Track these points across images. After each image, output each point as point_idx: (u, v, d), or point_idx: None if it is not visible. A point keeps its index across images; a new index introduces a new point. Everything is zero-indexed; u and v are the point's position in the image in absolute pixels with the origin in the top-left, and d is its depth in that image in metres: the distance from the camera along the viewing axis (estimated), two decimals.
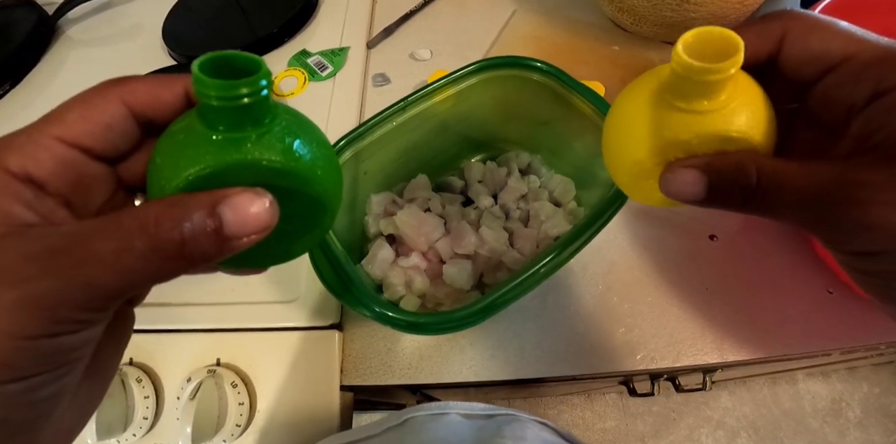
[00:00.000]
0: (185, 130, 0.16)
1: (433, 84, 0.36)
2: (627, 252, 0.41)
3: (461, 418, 0.31)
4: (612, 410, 1.07)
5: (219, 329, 0.39)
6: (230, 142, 0.16)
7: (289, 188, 0.17)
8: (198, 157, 0.15)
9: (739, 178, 0.17)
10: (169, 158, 0.16)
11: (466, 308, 0.27)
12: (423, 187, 0.39)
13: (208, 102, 0.15)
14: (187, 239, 0.14)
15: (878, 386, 1.07)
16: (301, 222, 0.19)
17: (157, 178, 0.16)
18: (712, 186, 0.18)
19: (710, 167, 0.18)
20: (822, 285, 0.39)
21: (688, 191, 0.18)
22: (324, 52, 0.56)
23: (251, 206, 0.15)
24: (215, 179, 0.16)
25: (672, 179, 0.18)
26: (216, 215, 0.15)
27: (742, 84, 0.18)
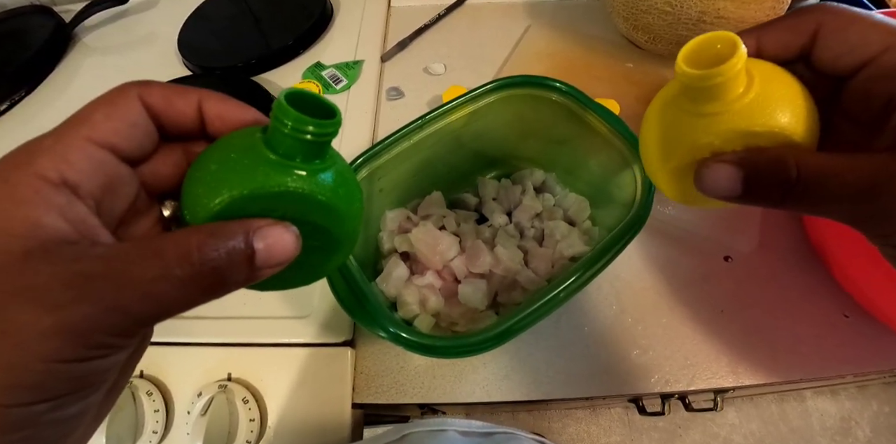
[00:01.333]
0: (242, 148, 0.17)
1: (451, 102, 0.36)
2: (642, 273, 0.41)
3: (459, 435, 0.31)
4: (618, 425, 1.06)
5: (230, 343, 0.39)
6: (290, 169, 0.16)
7: (320, 224, 0.18)
8: (255, 176, 0.16)
9: (778, 172, 0.17)
10: (219, 172, 0.16)
11: (483, 333, 0.27)
12: (438, 204, 0.39)
13: (287, 130, 0.16)
14: (224, 268, 0.15)
15: (887, 405, 1.05)
16: (321, 255, 0.19)
17: (202, 190, 0.16)
18: (749, 181, 0.17)
19: (745, 162, 0.18)
20: (838, 308, 0.39)
21: (722, 186, 0.18)
22: (338, 64, 0.57)
23: (281, 239, 0.16)
24: (258, 202, 0.16)
25: (706, 174, 0.18)
26: (250, 246, 0.15)
27: (762, 79, 0.18)
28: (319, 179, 0.17)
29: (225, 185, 0.16)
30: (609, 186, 0.38)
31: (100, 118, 0.16)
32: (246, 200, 0.16)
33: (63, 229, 0.14)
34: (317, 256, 0.19)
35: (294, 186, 0.16)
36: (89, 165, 0.15)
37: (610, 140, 0.36)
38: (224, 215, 0.16)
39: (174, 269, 0.14)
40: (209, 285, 0.15)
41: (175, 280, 0.14)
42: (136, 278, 0.14)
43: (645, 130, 0.22)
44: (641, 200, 0.32)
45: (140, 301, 0.14)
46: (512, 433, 0.32)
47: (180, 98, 0.18)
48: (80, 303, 0.13)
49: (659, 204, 0.42)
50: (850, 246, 0.37)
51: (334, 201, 0.17)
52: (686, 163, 0.19)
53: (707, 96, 0.18)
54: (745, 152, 0.18)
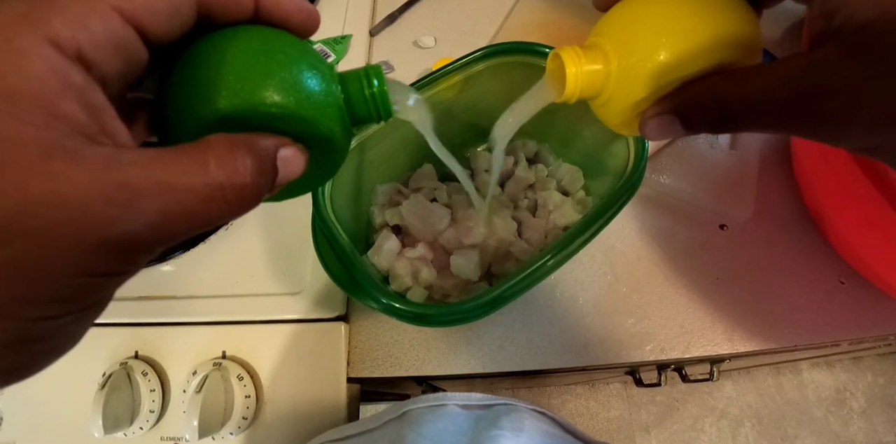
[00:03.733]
0: (306, 62, 0.16)
1: (439, 71, 0.35)
2: (636, 242, 0.40)
3: (459, 409, 0.31)
4: (616, 399, 1.07)
5: (224, 322, 0.39)
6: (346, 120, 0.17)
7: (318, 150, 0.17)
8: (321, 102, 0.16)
9: (703, 112, 0.18)
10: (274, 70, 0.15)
11: (474, 300, 0.27)
12: (429, 177, 0.39)
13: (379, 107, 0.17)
14: (260, 187, 0.14)
15: (882, 376, 1.07)
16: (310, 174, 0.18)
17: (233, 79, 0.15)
18: (685, 121, 0.19)
19: (674, 109, 0.19)
20: (833, 275, 0.39)
21: (667, 132, 0.20)
22: (326, 40, 0.55)
23: (297, 161, 0.16)
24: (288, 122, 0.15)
25: (649, 129, 0.20)
26: (276, 167, 0.15)
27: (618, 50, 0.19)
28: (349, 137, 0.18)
29: (282, 87, 0.15)
30: (602, 156, 0.37)
31: None
32: (295, 119, 0.15)
33: (82, 122, 0.12)
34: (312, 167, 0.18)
35: (342, 141, 0.17)
36: (110, 42, 0.13)
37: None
38: (236, 117, 0.14)
39: (223, 188, 0.13)
40: (245, 204, 0.14)
41: (221, 199, 0.13)
42: (184, 195, 0.12)
43: None
44: (633, 167, 0.32)
45: (185, 219, 0.13)
46: (512, 404, 0.32)
47: None
48: (125, 220, 0.12)
49: (653, 173, 0.42)
50: (846, 213, 0.36)
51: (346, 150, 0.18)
52: (624, 129, 0.22)
53: (588, 100, 0.22)
54: (669, 99, 0.19)
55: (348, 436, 0.31)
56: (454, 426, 0.29)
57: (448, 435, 0.28)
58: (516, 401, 0.33)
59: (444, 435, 0.28)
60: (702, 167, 0.42)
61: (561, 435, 0.31)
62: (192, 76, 0.15)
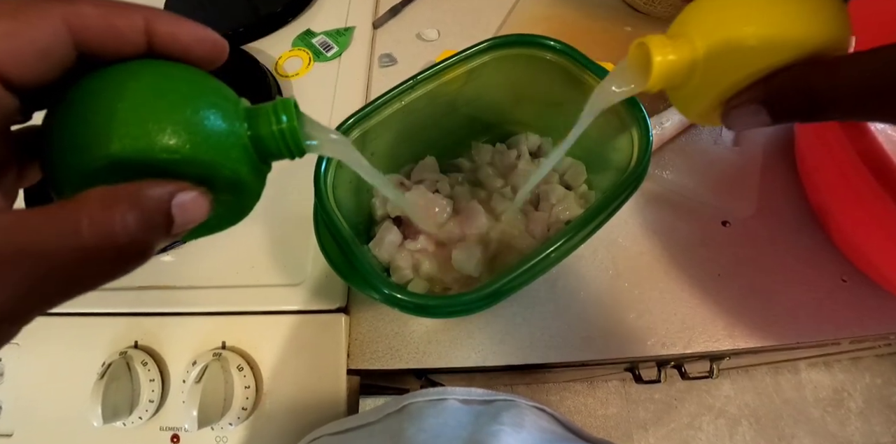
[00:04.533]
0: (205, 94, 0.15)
1: (442, 62, 0.35)
2: (638, 237, 0.40)
3: (459, 403, 0.31)
4: (614, 397, 1.07)
5: (224, 312, 0.39)
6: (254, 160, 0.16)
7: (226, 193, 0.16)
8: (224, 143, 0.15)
9: (793, 101, 0.18)
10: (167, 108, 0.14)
11: (476, 292, 0.27)
12: (432, 169, 0.39)
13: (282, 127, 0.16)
14: (149, 243, 0.13)
15: (880, 377, 1.07)
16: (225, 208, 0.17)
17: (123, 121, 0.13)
18: (774, 113, 0.19)
19: (762, 99, 0.19)
20: (835, 272, 0.39)
21: (752, 123, 0.19)
22: (329, 32, 0.55)
23: (199, 207, 0.14)
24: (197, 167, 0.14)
25: (734, 116, 0.20)
26: (171, 216, 0.13)
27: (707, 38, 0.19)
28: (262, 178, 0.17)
29: (182, 126, 0.13)
30: (606, 150, 0.37)
31: (1, 33, 0.13)
32: (199, 163, 0.14)
33: None
34: (222, 208, 0.17)
35: (252, 184, 0.16)
36: None
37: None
38: (124, 164, 0.13)
39: (100, 250, 0.12)
40: (129, 262, 0.13)
41: (98, 262, 0.12)
42: (53, 262, 0.11)
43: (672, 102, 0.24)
44: (637, 162, 0.32)
45: (60, 286, 0.12)
46: (512, 400, 0.32)
47: (122, 18, 0.14)
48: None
49: (656, 169, 0.42)
50: (849, 210, 0.36)
51: (259, 192, 0.17)
52: (703, 119, 0.22)
53: (671, 89, 0.22)
54: (756, 87, 0.19)
55: (348, 429, 0.31)
56: (454, 420, 0.29)
57: (448, 429, 0.28)
58: (516, 397, 0.33)
59: (445, 429, 0.28)
60: (705, 163, 0.42)
61: (560, 432, 0.31)
62: (74, 120, 0.13)
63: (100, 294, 0.40)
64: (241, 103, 0.16)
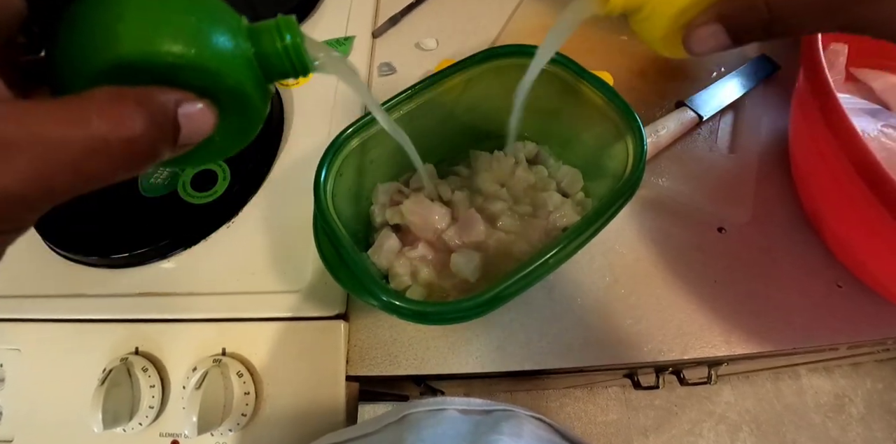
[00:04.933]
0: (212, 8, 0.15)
1: (441, 72, 0.36)
2: (635, 244, 0.40)
3: (459, 413, 0.31)
4: (615, 403, 1.07)
5: (224, 319, 0.39)
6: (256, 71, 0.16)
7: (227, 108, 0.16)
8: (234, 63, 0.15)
9: (751, 16, 0.19)
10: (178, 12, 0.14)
11: (474, 298, 0.27)
12: (431, 177, 0.39)
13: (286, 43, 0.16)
14: (155, 143, 0.13)
15: (881, 382, 1.07)
16: (225, 132, 0.17)
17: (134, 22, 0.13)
18: (732, 32, 0.19)
19: (722, 17, 0.19)
20: (831, 278, 0.39)
21: (712, 44, 0.20)
22: (328, 41, 0.56)
23: (204, 118, 0.14)
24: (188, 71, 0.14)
25: (694, 39, 0.20)
26: (178, 123, 0.14)
27: None
28: (264, 93, 0.17)
29: (186, 34, 0.13)
30: (602, 158, 0.37)
31: None
32: (203, 71, 0.14)
33: None
34: (226, 128, 0.17)
35: (255, 98, 0.16)
36: None
37: (603, 111, 0.35)
38: (130, 68, 0.13)
39: (107, 141, 0.12)
40: (137, 159, 0.13)
41: (105, 153, 0.12)
42: (62, 148, 0.11)
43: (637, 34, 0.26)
44: (632, 169, 0.32)
45: (66, 174, 0.12)
46: (511, 410, 0.32)
47: None
48: (3, 174, 0.11)
49: (652, 176, 0.42)
50: (843, 217, 0.37)
51: (264, 109, 0.17)
52: (665, 47, 0.23)
53: (630, 14, 0.23)
54: (715, 7, 0.20)
55: (347, 440, 0.31)
56: (453, 430, 0.29)
57: (447, 439, 0.28)
58: (515, 407, 0.33)
59: (444, 439, 0.28)
60: (700, 170, 0.43)
61: (559, 442, 0.31)
62: (83, 24, 0.13)
63: (100, 300, 0.41)
64: (242, 21, 0.16)
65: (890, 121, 0.39)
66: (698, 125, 0.44)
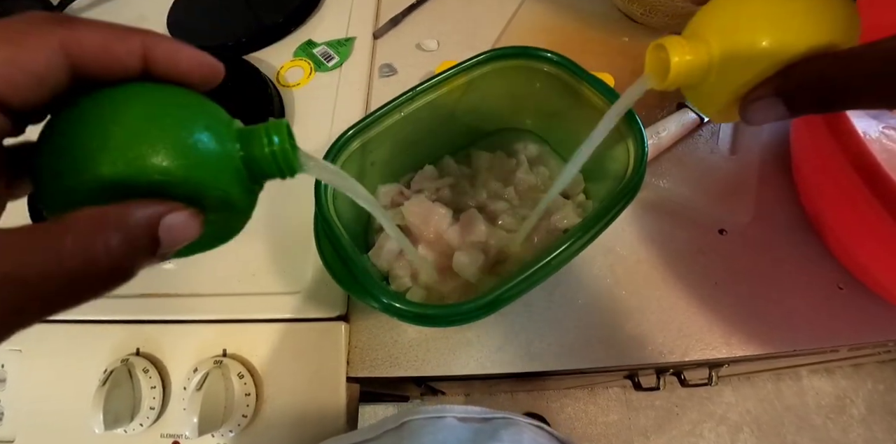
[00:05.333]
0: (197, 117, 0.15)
1: (442, 74, 0.36)
2: (636, 246, 0.40)
3: (458, 421, 0.31)
4: (615, 404, 1.07)
5: (225, 320, 0.39)
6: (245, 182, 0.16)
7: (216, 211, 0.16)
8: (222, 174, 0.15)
9: (810, 91, 0.18)
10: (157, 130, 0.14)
11: (475, 301, 0.27)
12: (431, 178, 0.39)
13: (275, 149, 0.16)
14: (131, 264, 0.13)
15: (882, 383, 1.07)
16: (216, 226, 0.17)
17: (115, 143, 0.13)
18: (790, 102, 0.19)
19: (778, 90, 0.19)
20: (832, 280, 0.39)
21: (770, 115, 0.20)
22: (330, 42, 0.56)
23: (188, 227, 0.14)
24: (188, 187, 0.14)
25: (751, 111, 0.20)
26: (156, 238, 0.13)
27: (722, 40, 0.20)
28: (252, 198, 0.17)
29: (173, 146, 0.13)
30: (603, 160, 0.37)
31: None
32: (189, 184, 0.14)
33: None
34: (212, 227, 0.17)
35: (241, 202, 0.16)
36: None
37: (604, 112, 0.35)
38: (116, 186, 0.13)
39: (80, 273, 0.12)
40: (112, 282, 0.13)
41: (82, 284, 0.12)
42: (35, 285, 0.12)
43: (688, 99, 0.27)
44: (633, 171, 0.32)
45: (39, 307, 0.12)
46: (510, 418, 0.32)
47: (120, 43, 0.14)
48: None
49: (653, 177, 0.42)
50: (844, 219, 0.36)
51: (250, 211, 0.17)
52: (719, 115, 0.23)
53: (687, 88, 0.23)
54: (773, 81, 0.19)
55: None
56: (453, 437, 0.29)
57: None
58: (515, 415, 0.33)
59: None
60: (701, 172, 0.43)
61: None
62: (67, 140, 0.13)
63: (102, 302, 0.41)
64: (233, 124, 0.16)
65: (891, 122, 0.39)
66: (699, 127, 0.44)
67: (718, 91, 0.22)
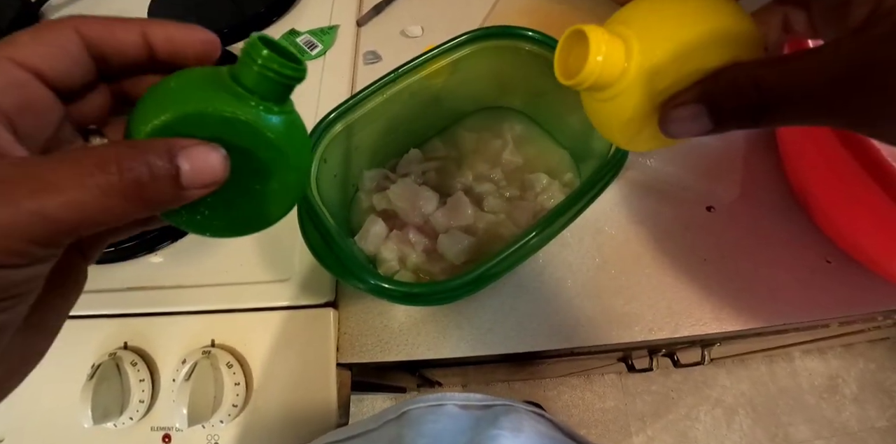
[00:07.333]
0: (204, 75, 0.17)
1: (423, 55, 0.35)
2: (623, 225, 0.40)
3: (458, 409, 0.31)
4: (612, 390, 1.08)
5: (213, 311, 0.39)
6: (247, 101, 0.16)
7: (263, 163, 0.17)
8: (210, 98, 0.16)
9: (740, 97, 0.16)
10: (173, 91, 0.16)
11: (461, 278, 0.27)
12: (417, 162, 0.39)
13: (256, 67, 0.16)
14: (146, 182, 0.14)
15: (873, 362, 1.08)
16: (260, 200, 0.18)
17: (150, 107, 0.16)
18: (716, 115, 0.17)
19: (704, 96, 0.17)
20: (820, 254, 0.39)
21: (690, 126, 0.17)
22: (313, 30, 0.55)
23: (207, 157, 0.16)
24: (206, 126, 0.16)
25: (672, 120, 0.18)
26: (175, 163, 0.15)
27: (641, 38, 0.18)
28: (273, 119, 0.17)
29: (177, 102, 0.16)
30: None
31: (25, 41, 0.15)
32: (194, 119, 0.16)
33: None
34: (256, 201, 0.18)
35: (247, 116, 0.16)
36: (5, 83, 0.15)
37: None
38: (165, 134, 0.16)
39: (92, 177, 0.13)
40: (133, 198, 0.14)
41: (94, 188, 0.13)
42: (55, 183, 0.13)
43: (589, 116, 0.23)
44: (616, 148, 0.32)
45: (57, 206, 0.13)
46: (511, 405, 0.32)
47: (121, 27, 0.17)
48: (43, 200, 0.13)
49: (640, 156, 0.42)
50: (831, 191, 0.37)
51: (282, 143, 0.17)
52: (626, 134, 0.20)
53: (596, 90, 0.19)
54: (699, 86, 0.17)
55: (348, 437, 0.31)
56: (453, 425, 0.29)
57: (447, 435, 0.28)
58: (515, 402, 0.33)
59: (444, 434, 0.28)
60: (687, 149, 0.43)
61: (559, 437, 0.31)
62: (141, 105, 0.17)
63: (88, 296, 0.40)
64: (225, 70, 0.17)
65: None
66: None
67: (630, 96, 0.18)
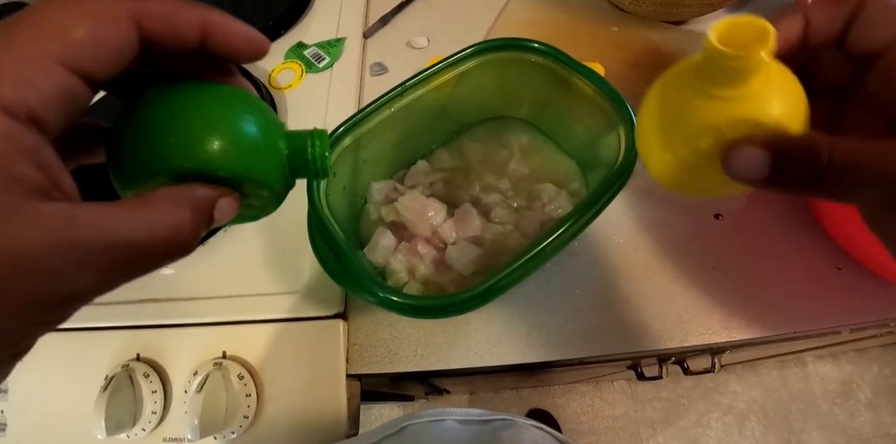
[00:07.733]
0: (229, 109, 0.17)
1: (430, 68, 0.36)
2: (632, 233, 0.40)
3: (458, 424, 0.31)
4: (621, 397, 1.07)
5: (224, 322, 0.39)
6: None
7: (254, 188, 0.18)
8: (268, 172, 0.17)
9: (808, 156, 0.16)
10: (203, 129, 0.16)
11: (470, 290, 0.27)
12: (424, 174, 0.39)
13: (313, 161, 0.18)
14: (195, 236, 0.16)
15: (888, 367, 1.07)
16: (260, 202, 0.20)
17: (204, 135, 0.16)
18: (777, 165, 0.17)
19: (774, 145, 0.17)
20: (830, 261, 0.39)
21: (749, 168, 0.17)
22: (320, 43, 0.56)
23: (229, 209, 0.17)
24: None
25: (734, 155, 0.17)
26: (212, 217, 0.16)
27: (775, 73, 0.18)
28: None
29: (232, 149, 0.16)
30: (597, 148, 0.37)
31: (83, 38, 0.13)
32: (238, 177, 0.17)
33: (36, 180, 0.12)
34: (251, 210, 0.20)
35: (279, 191, 0.18)
36: (58, 96, 0.13)
37: (595, 101, 0.35)
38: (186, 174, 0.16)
39: (164, 247, 0.14)
40: (183, 253, 0.15)
41: (163, 252, 0.14)
42: (131, 251, 0.13)
43: (646, 109, 0.21)
44: (624, 157, 0.32)
45: (127, 270, 0.14)
46: (510, 419, 0.32)
47: (184, 18, 0.15)
48: (77, 276, 0.13)
49: None
50: None
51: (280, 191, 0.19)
52: (688, 146, 0.19)
53: (727, 79, 0.18)
54: (775, 135, 0.17)
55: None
56: (453, 440, 0.29)
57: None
58: (515, 416, 0.33)
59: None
60: None
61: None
62: (145, 131, 0.16)
63: (101, 309, 0.41)
64: (283, 127, 0.18)
65: None
66: None
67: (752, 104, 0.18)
